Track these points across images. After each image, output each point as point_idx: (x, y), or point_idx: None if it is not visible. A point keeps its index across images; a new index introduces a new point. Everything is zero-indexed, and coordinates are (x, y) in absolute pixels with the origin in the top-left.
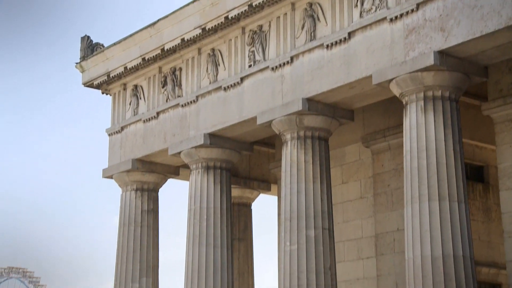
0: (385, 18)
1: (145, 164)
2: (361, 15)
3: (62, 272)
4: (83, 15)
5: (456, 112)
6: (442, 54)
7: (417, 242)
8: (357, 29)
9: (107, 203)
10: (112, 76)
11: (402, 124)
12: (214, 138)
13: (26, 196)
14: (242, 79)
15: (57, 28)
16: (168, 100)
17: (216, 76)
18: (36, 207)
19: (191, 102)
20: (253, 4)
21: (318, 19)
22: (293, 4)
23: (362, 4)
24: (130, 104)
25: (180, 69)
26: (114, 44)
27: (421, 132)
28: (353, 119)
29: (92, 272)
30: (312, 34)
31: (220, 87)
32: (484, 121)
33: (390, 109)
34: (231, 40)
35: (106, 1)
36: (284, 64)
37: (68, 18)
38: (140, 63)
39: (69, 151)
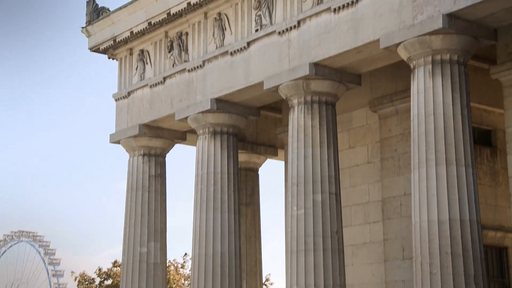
0: None
1: (152, 129)
2: None
3: (72, 236)
4: None
5: (464, 76)
6: (451, 17)
7: (424, 207)
8: None
9: (115, 168)
10: (118, 41)
11: (409, 88)
12: (221, 103)
13: (36, 163)
14: (248, 43)
15: None
16: (174, 65)
17: (223, 40)
18: (45, 173)
19: (197, 67)
20: None
21: None
22: None
23: None
24: (136, 69)
25: (187, 33)
26: (120, 8)
27: (429, 96)
28: (360, 83)
29: (101, 236)
30: None
31: (226, 52)
32: (492, 84)
33: (398, 73)
34: (237, 4)
35: None
36: (291, 28)
37: None
38: (146, 27)
39: (76, 116)
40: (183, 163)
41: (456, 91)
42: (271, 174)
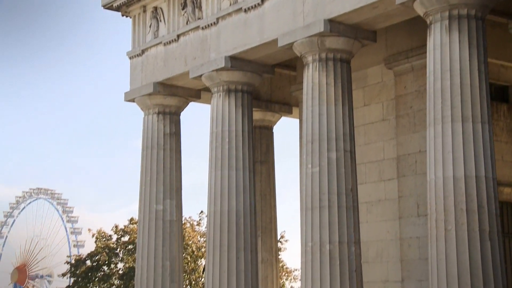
0: None
1: (167, 87)
2: None
3: (88, 194)
4: None
5: (481, 31)
6: None
7: (439, 163)
8: None
9: (131, 126)
10: None
11: (425, 44)
12: (235, 61)
13: (52, 122)
14: (262, 0)
15: None
16: (188, 23)
17: None
18: (62, 131)
19: (211, 24)
20: None
21: None
22: None
23: None
24: (150, 26)
25: None
26: None
27: (445, 52)
28: (375, 40)
29: (117, 194)
30: None
31: (240, 9)
32: (510, 39)
33: (414, 29)
34: None
35: None
36: None
37: None
38: None
39: (92, 74)
40: (197, 121)
41: (473, 46)
42: (286, 132)
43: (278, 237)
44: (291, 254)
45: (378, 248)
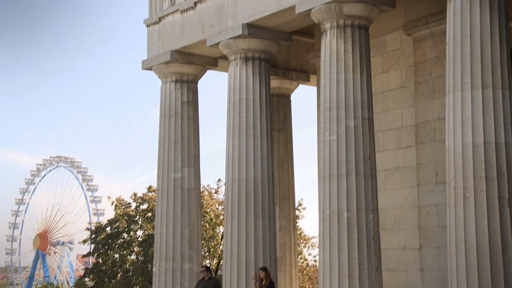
0: None
1: (184, 55)
2: None
3: (107, 163)
4: None
5: None
6: None
7: (459, 131)
8: None
9: (149, 94)
10: None
11: (445, 10)
12: (252, 29)
13: (71, 90)
14: None
15: None
16: None
17: None
18: (80, 99)
19: None
20: None
21: None
22: None
23: None
24: None
25: None
26: None
27: (466, 17)
28: (394, 6)
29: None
30: None
31: None
32: None
33: None
34: None
35: None
36: None
37: None
38: None
39: (110, 43)
40: (215, 90)
41: (495, 11)
42: (304, 100)
43: (296, 205)
44: (309, 222)
45: (396, 216)
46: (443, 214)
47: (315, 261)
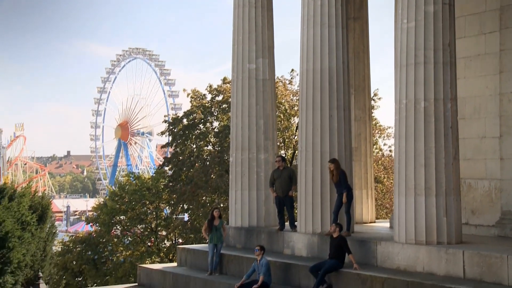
0: None
1: None
2: None
3: (182, 54)
4: None
5: None
6: None
7: None
8: None
9: None
10: None
11: None
12: None
13: None
14: None
15: None
16: None
17: None
18: None
19: None
20: None
21: None
22: None
23: None
24: None
25: None
26: None
27: None
28: None
29: (211, 54)
30: None
31: None
32: None
33: None
34: None
35: None
36: None
37: None
38: None
39: None
40: None
41: None
42: None
43: (371, 95)
44: (385, 112)
45: (475, 104)
46: None
47: (390, 151)
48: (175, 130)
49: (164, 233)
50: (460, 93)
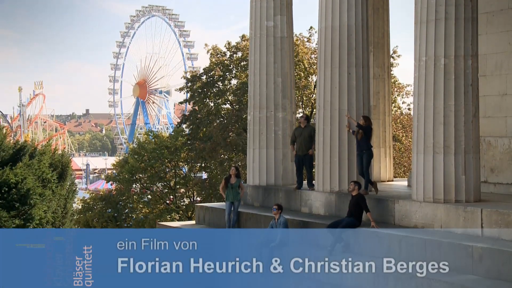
0: None
1: None
2: None
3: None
4: None
5: None
6: None
7: None
8: None
9: None
10: None
11: None
12: None
13: None
14: None
15: None
16: None
17: None
18: None
19: None
20: None
21: None
22: None
23: None
24: None
25: None
26: None
27: None
28: None
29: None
30: None
31: None
32: None
33: None
34: None
35: None
36: None
37: None
38: None
39: None
40: None
41: None
42: None
43: (391, 52)
44: (404, 70)
45: (497, 61)
46: None
47: (409, 109)
48: (194, 87)
49: (182, 190)
50: (481, 49)
